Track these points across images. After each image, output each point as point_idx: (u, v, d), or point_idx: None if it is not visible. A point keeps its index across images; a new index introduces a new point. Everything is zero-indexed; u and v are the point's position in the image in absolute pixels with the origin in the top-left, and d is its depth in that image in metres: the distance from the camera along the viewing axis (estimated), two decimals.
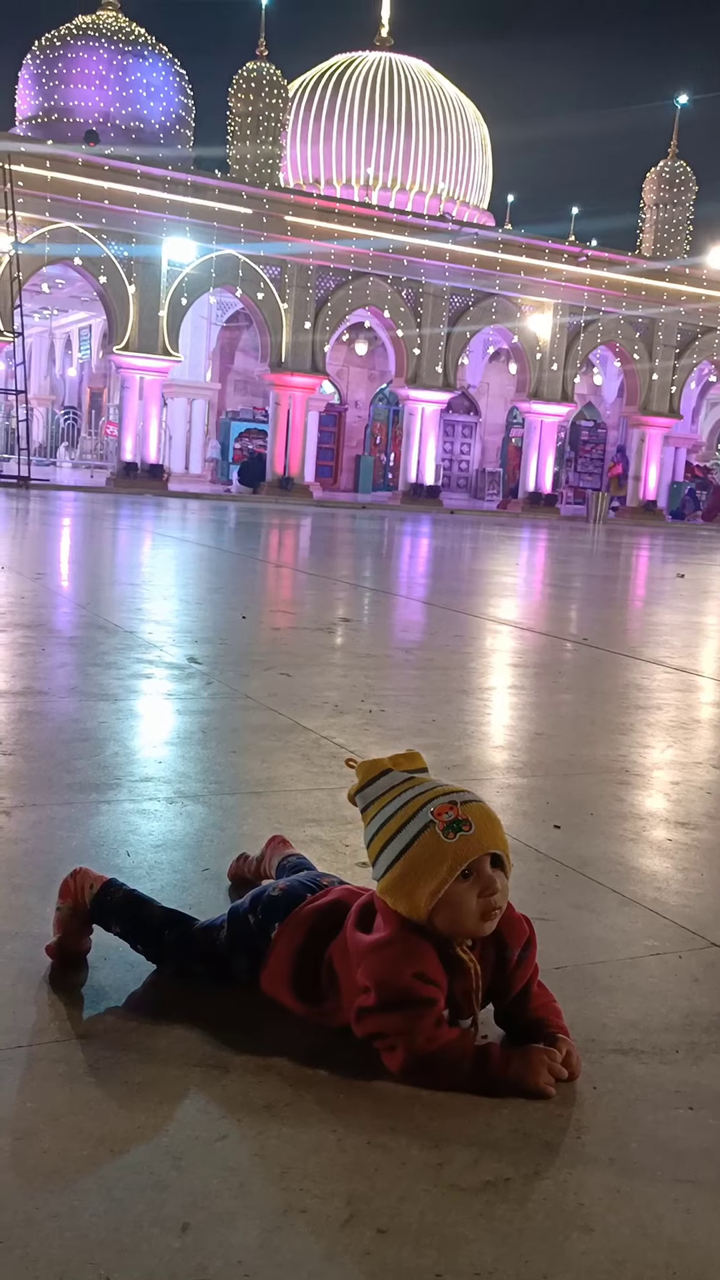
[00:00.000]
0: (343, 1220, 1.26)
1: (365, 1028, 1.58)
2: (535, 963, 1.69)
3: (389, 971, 1.56)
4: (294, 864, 2.08)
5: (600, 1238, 1.26)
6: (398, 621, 7.40)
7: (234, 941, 1.76)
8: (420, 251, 29.04)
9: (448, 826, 1.57)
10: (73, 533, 13.59)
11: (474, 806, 1.60)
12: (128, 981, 1.81)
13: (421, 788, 1.63)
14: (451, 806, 1.59)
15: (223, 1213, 1.26)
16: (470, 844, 1.56)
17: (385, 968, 1.56)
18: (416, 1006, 1.54)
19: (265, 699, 4.12)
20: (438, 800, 1.60)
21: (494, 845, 1.58)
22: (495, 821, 1.62)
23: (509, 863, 1.62)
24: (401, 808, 1.61)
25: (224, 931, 1.78)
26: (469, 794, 1.64)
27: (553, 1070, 1.55)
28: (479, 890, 1.56)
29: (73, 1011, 1.70)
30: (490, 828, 1.60)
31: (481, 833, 1.58)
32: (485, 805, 1.64)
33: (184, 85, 37.38)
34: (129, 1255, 1.18)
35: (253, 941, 1.74)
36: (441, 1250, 1.22)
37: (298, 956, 1.69)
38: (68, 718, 3.66)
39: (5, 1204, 1.25)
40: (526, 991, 1.67)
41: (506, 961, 1.65)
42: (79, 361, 40.54)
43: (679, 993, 1.91)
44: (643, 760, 3.62)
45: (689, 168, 33.06)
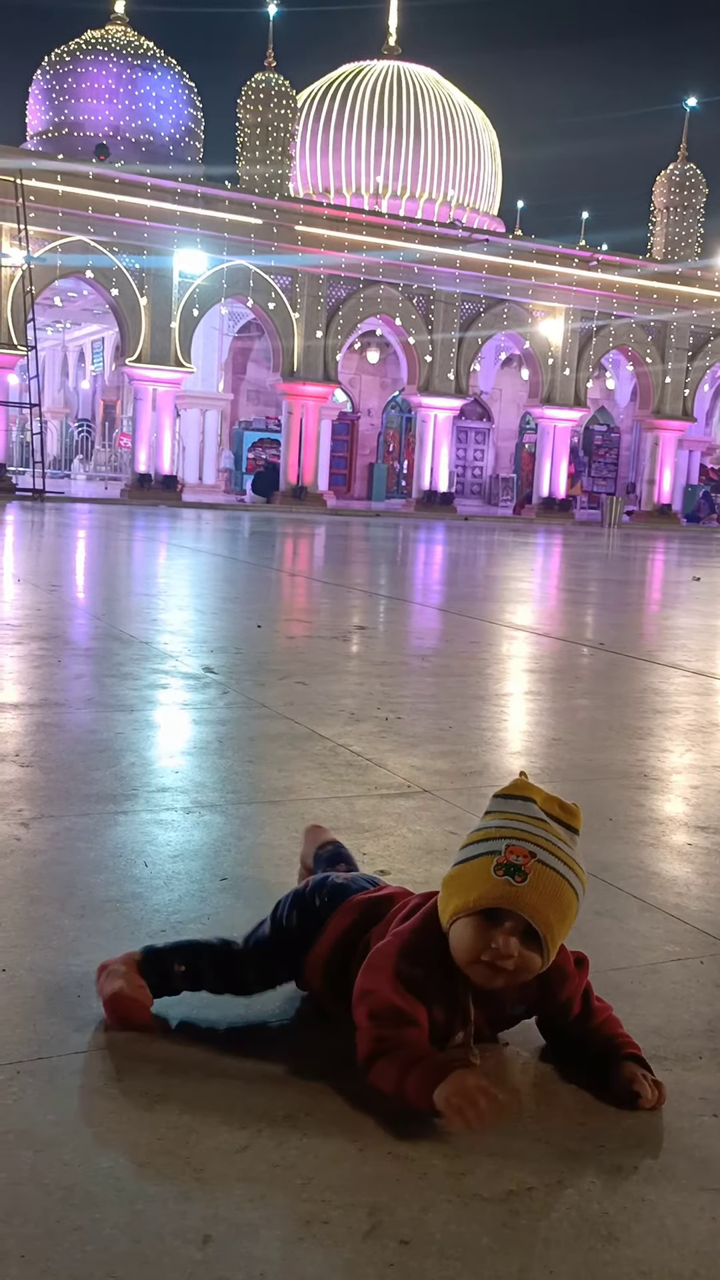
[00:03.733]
0: (365, 1231, 1.25)
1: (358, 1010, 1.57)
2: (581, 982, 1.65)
3: (380, 958, 1.57)
4: (331, 853, 2.10)
5: (625, 1247, 1.25)
6: (413, 628, 7.39)
7: (302, 922, 1.74)
8: (431, 259, 29.07)
9: (505, 865, 1.52)
10: (88, 544, 13.64)
11: (546, 873, 1.52)
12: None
13: (536, 830, 1.55)
14: (527, 856, 1.52)
15: (244, 1224, 1.25)
16: (506, 892, 1.50)
17: (380, 953, 1.58)
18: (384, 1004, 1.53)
19: (281, 708, 4.11)
20: (522, 843, 1.53)
21: (528, 911, 1.50)
22: (553, 898, 1.52)
23: (549, 945, 1.53)
24: (499, 827, 1.57)
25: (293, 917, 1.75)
26: (562, 864, 1.54)
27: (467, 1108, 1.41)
28: (486, 941, 1.51)
29: (93, 1023, 1.69)
30: (539, 898, 1.51)
31: (526, 893, 1.50)
32: (561, 882, 1.53)
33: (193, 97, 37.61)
34: (151, 1268, 1.17)
35: (315, 922, 1.73)
36: (465, 1261, 1.21)
37: (340, 939, 1.69)
38: (84, 729, 3.67)
39: (27, 1217, 1.24)
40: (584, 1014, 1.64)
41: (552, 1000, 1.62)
42: (92, 374, 40.74)
43: (702, 998, 1.90)
44: (661, 765, 3.60)
45: (699, 170, 33.04)
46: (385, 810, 2.89)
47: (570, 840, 1.58)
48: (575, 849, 1.58)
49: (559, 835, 1.57)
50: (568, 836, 1.58)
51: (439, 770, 3.34)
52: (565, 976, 1.62)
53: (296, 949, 1.74)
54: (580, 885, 1.57)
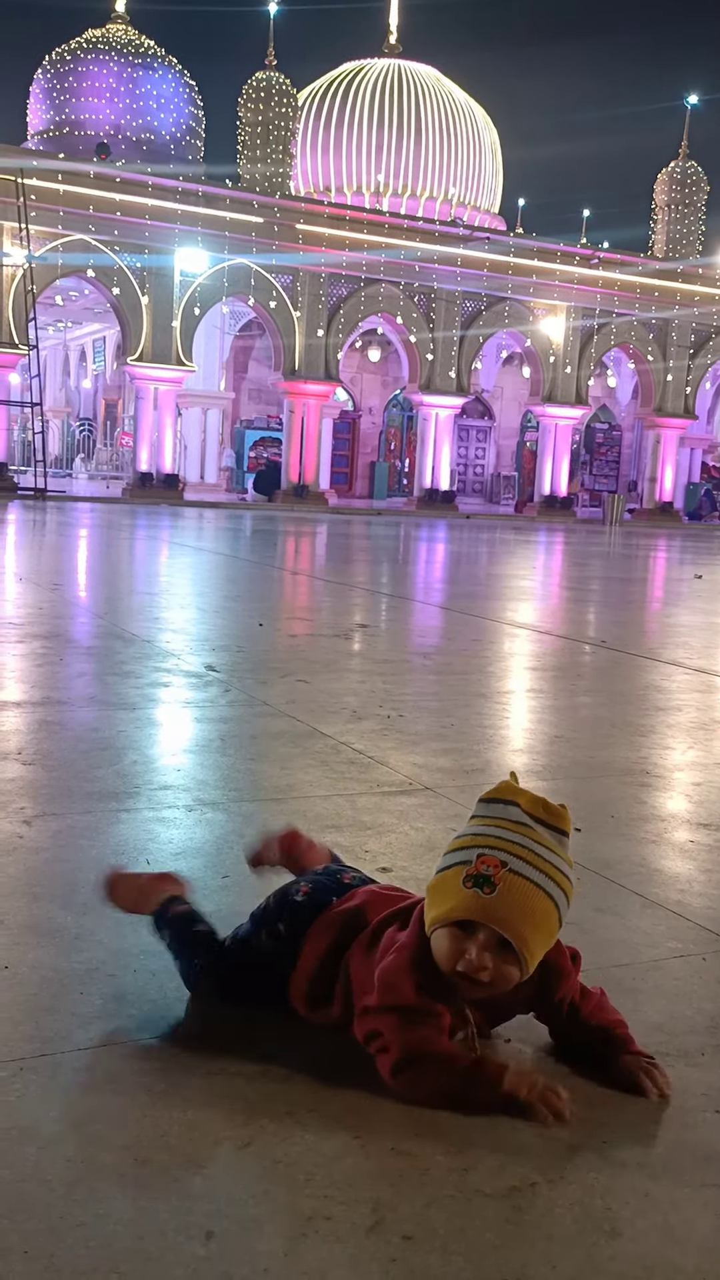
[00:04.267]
0: (368, 1227, 1.25)
1: (365, 1026, 1.56)
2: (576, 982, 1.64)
3: (395, 974, 1.55)
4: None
5: (628, 1243, 1.25)
6: (415, 627, 7.39)
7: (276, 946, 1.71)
8: (432, 257, 29.05)
9: (474, 876, 1.50)
10: (89, 543, 13.65)
11: (518, 883, 1.49)
12: (150, 989, 1.80)
13: (513, 836, 1.52)
14: (497, 866, 1.49)
15: (247, 1220, 1.25)
16: (474, 904, 1.48)
17: (393, 969, 1.55)
18: (412, 1013, 1.52)
19: (283, 706, 4.12)
20: (495, 852, 1.51)
21: (497, 923, 1.48)
22: (524, 909, 1.49)
23: (525, 956, 1.50)
24: (475, 835, 1.55)
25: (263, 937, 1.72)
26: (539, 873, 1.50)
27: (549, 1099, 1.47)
28: (460, 952, 1.50)
29: (96, 1019, 1.69)
30: (508, 910, 1.48)
31: (494, 905, 1.48)
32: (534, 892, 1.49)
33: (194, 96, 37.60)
34: (154, 1264, 1.17)
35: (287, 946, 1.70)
36: (468, 1257, 1.21)
37: (319, 964, 1.66)
38: (86, 727, 3.67)
39: (30, 1213, 1.24)
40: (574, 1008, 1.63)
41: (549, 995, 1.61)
42: (93, 373, 40.75)
43: (704, 994, 1.90)
44: (663, 762, 3.60)
45: (700, 168, 33.00)
46: (387, 808, 2.89)
47: (556, 844, 1.55)
48: (563, 853, 1.55)
49: (542, 841, 1.53)
50: (554, 840, 1.55)
51: (441, 768, 3.34)
52: (563, 975, 1.61)
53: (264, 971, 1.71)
54: (561, 892, 1.53)
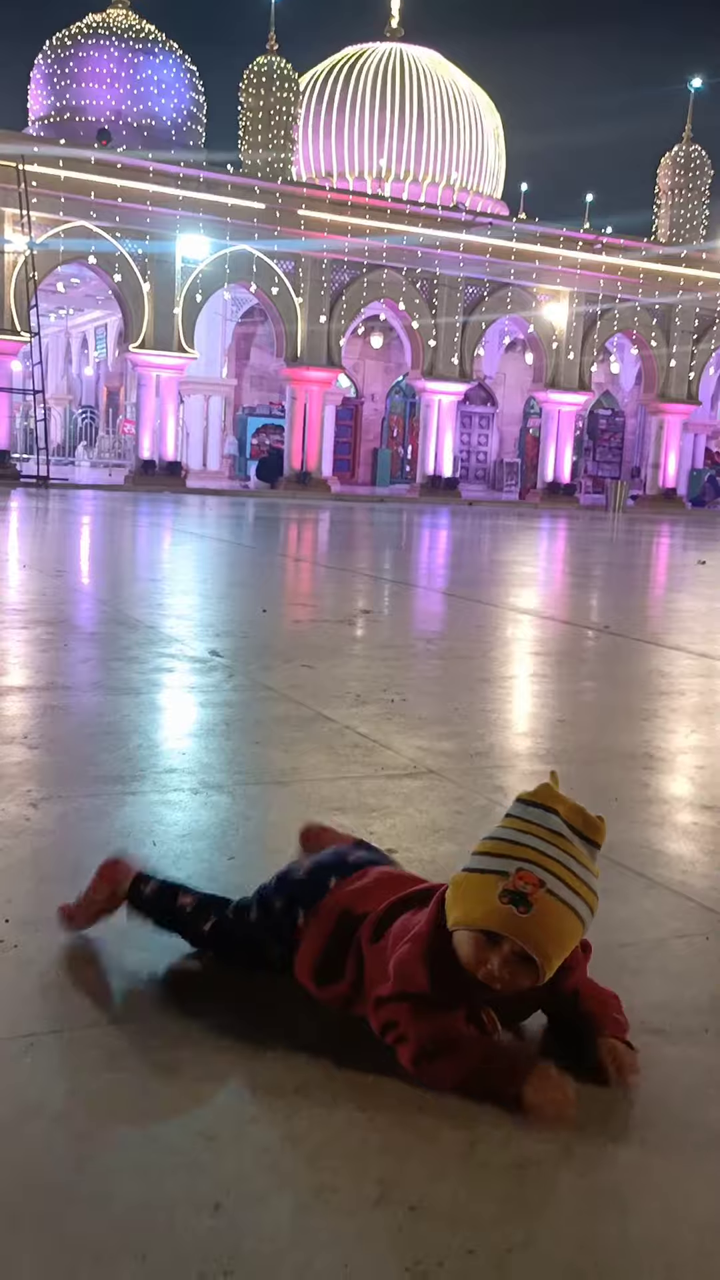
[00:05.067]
0: (374, 1199, 1.27)
1: (380, 1017, 1.56)
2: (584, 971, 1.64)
3: (410, 963, 1.54)
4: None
5: (631, 1216, 1.27)
6: (418, 612, 7.39)
7: (265, 926, 1.74)
8: (434, 242, 28.94)
9: (511, 892, 1.49)
10: (92, 530, 13.65)
11: (553, 905, 1.48)
12: (158, 966, 1.82)
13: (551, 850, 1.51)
14: (535, 885, 1.48)
15: (255, 1192, 1.27)
16: (507, 922, 1.48)
17: (409, 958, 1.55)
18: (428, 1002, 1.52)
19: (287, 690, 4.13)
20: (535, 868, 1.50)
21: (526, 941, 1.48)
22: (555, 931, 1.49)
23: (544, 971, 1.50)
24: (513, 843, 1.53)
25: (253, 913, 1.76)
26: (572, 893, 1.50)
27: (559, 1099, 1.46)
28: (482, 961, 1.50)
29: (104, 997, 1.71)
30: (540, 932, 1.48)
31: (527, 925, 1.48)
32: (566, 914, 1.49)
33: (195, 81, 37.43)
34: (163, 1234, 1.19)
35: (279, 929, 1.72)
36: (474, 1227, 1.23)
37: (328, 943, 1.66)
38: (91, 712, 3.68)
39: (41, 1186, 1.26)
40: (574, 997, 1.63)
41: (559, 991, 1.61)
42: (95, 360, 40.67)
43: (707, 974, 1.91)
44: (666, 745, 3.61)
45: (704, 152, 32.81)
46: (391, 791, 2.91)
47: (588, 858, 1.54)
48: (593, 866, 1.55)
49: (576, 855, 1.53)
50: (587, 854, 1.54)
51: (445, 751, 3.36)
52: (570, 969, 1.60)
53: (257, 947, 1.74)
54: (589, 911, 1.53)
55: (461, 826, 2.65)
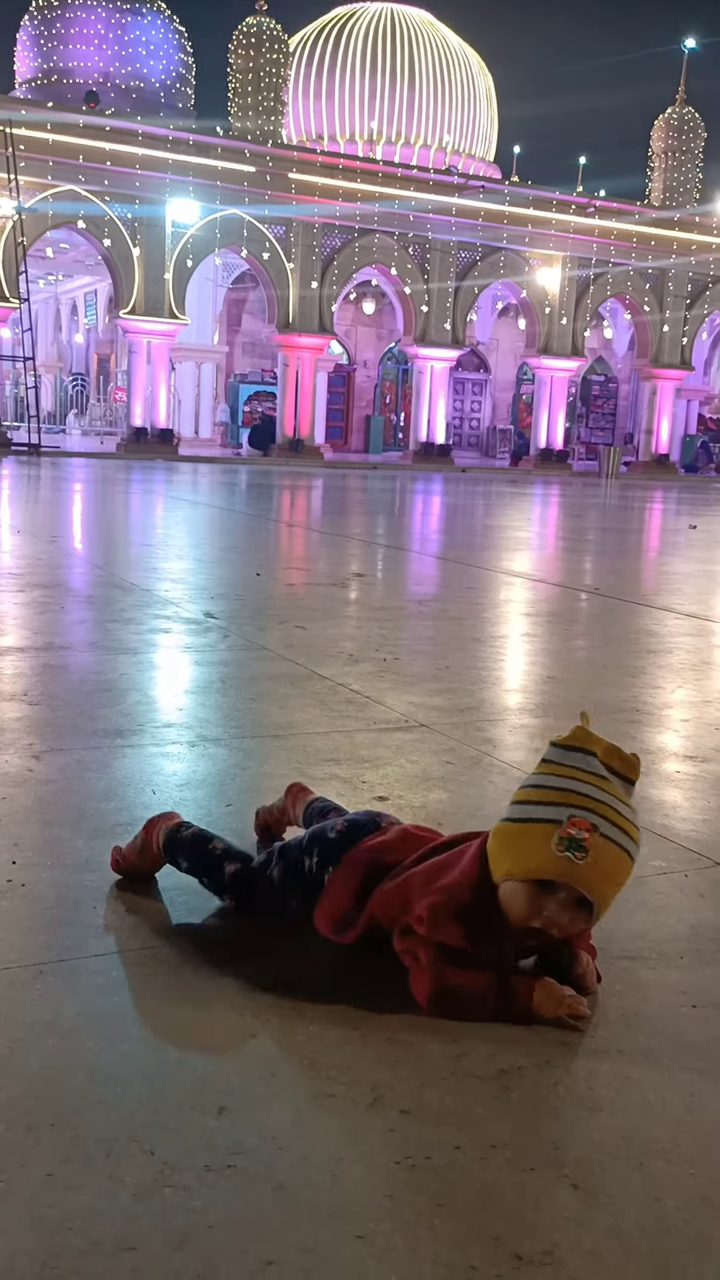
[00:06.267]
0: (368, 1103, 1.36)
1: (402, 944, 1.61)
2: None
3: (446, 916, 1.57)
4: (320, 808, 2.07)
5: (608, 1116, 1.36)
6: (411, 575, 7.46)
7: (286, 882, 1.78)
8: (426, 206, 28.73)
9: (566, 839, 1.51)
10: (85, 497, 13.66)
11: (608, 848, 1.52)
12: (162, 903, 1.90)
13: (598, 794, 1.55)
14: (589, 830, 1.51)
15: (256, 1097, 1.36)
16: (567, 869, 1.51)
17: (443, 906, 1.57)
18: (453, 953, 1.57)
19: (282, 650, 4.20)
20: (587, 814, 1.53)
21: (584, 887, 1.52)
22: (611, 873, 1.54)
23: (600, 913, 1.57)
24: (561, 790, 1.56)
25: (276, 870, 1.79)
26: (622, 833, 1.54)
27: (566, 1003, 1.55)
28: (539, 910, 1.53)
29: (110, 930, 1.79)
30: (598, 875, 1.52)
31: (586, 870, 1.51)
32: (620, 855, 1.54)
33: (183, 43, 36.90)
34: (171, 1133, 1.28)
35: (306, 883, 1.75)
36: (460, 1127, 1.32)
37: (350, 893, 1.69)
38: (89, 670, 3.75)
39: (55, 1093, 1.35)
40: None
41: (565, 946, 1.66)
42: (86, 327, 40.38)
43: (686, 907, 2.00)
44: (653, 700, 3.69)
45: (697, 114, 32.54)
46: (384, 743, 2.99)
47: (627, 795, 1.58)
48: (631, 806, 1.58)
49: (618, 795, 1.56)
50: (625, 791, 1.58)
51: (436, 706, 3.44)
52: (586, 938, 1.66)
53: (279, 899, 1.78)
54: (637, 848, 1.57)
55: (451, 776, 2.73)
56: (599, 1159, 1.27)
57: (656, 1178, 1.24)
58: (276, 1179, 1.21)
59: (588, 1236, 1.15)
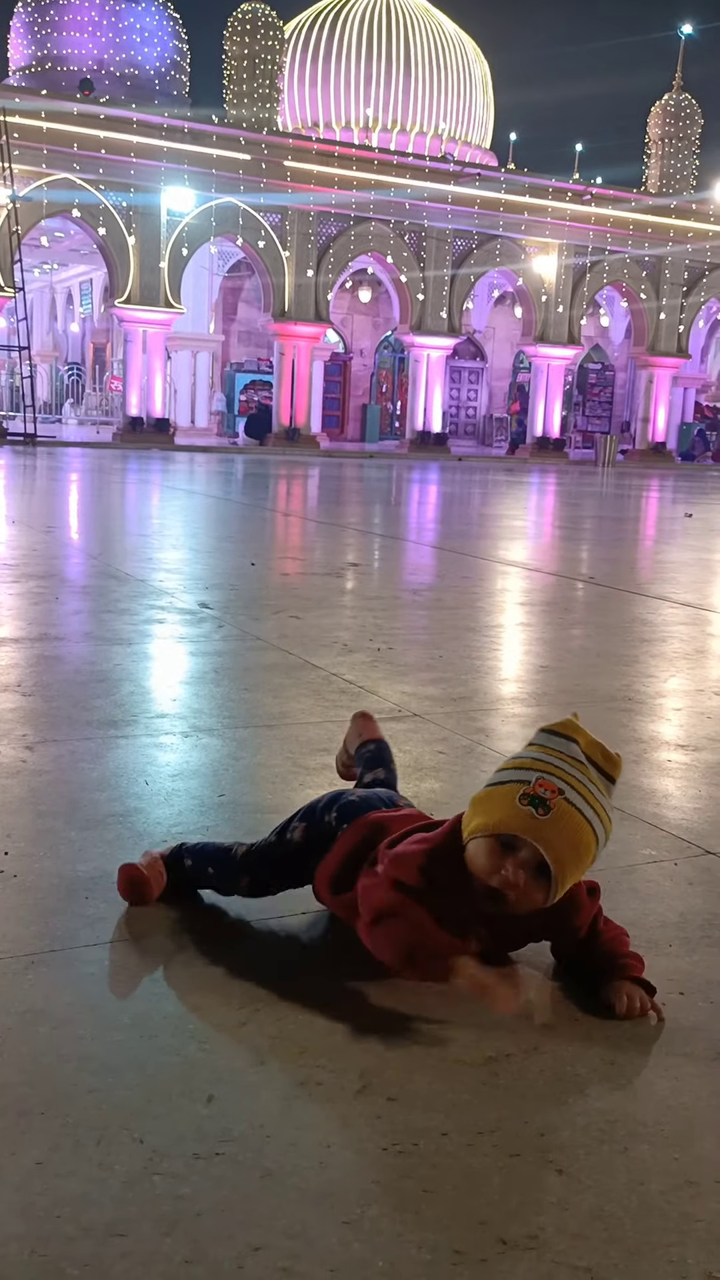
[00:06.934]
0: (356, 1090, 1.37)
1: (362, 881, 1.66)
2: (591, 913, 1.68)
3: (408, 855, 1.62)
4: (371, 753, 2.12)
5: (594, 1100, 1.37)
6: (406, 565, 7.46)
7: (309, 838, 1.81)
8: (422, 194, 28.63)
9: (530, 796, 1.54)
10: (81, 487, 13.64)
11: (571, 812, 1.54)
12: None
13: (571, 770, 1.58)
14: (555, 792, 1.54)
15: (245, 1085, 1.37)
16: (527, 823, 1.53)
17: (409, 852, 1.62)
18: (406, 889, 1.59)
19: (276, 640, 4.21)
20: (554, 779, 1.56)
21: (544, 844, 1.52)
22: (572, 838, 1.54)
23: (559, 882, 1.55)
24: (536, 760, 1.60)
25: (298, 830, 1.82)
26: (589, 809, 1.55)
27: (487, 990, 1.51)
28: (498, 866, 1.54)
29: (100, 921, 1.80)
30: (557, 835, 1.53)
31: (545, 827, 1.52)
32: (583, 824, 1.54)
33: (178, 30, 36.71)
34: (161, 1120, 1.29)
35: (325, 839, 1.79)
36: (447, 1114, 1.33)
37: (348, 856, 1.74)
38: (83, 660, 3.76)
39: (47, 1081, 1.36)
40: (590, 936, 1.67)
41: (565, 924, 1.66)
42: (81, 316, 40.25)
43: (675, 894, 2.01)
44: (646, 689, 3.71)
45: (694, 101, 32.42)
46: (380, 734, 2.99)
47: (605, 788, 1.60)
48: (608, 798, 1.60)
49: (594, 781, 1.59)
50: (603, 784, 1.60)
51: (429, 696, 3.45)
52: (578, 906, 1.65)
53: (298, 861, 1.81)
54: (604, 832, 1.58)
55: (444, 765, 2.75)
56: (584, 1143, 1.28)
57: (641, 1161, 1.26)
58: (264, 1165, 1.22)
59: (572, 1220, 1.16)
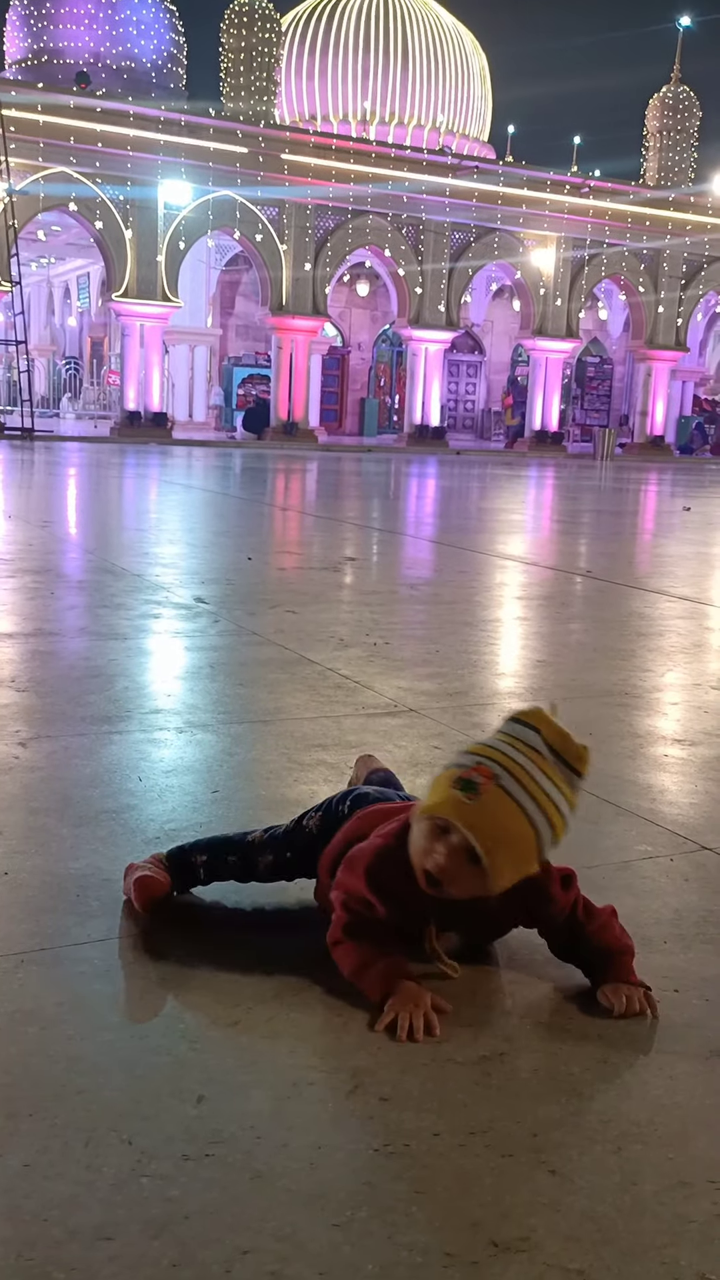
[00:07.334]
0: (348, 1090, 1.36)
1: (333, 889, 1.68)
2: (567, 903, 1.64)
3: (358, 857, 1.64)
4: (381, 779, 2.13)
5: (588, 1100, 1.36)
6: (404, 560, 7.45)
7: (324, 827, 1.82)
8: (420, 187, 28.54)
9: (460, 780, 1.53)
10: (78, 482, 13.61)
11: (503, 800, 1.51)
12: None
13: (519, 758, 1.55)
14: (489, 777, 1.52)
15: (236, 1085, 1.36)
16: (455, 808, 1.52)
17: (359, 852, 1.65)
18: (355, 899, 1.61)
19: (272, 635, 4.19)
20: (493, 764, 1.54)
21: (468, 828, 1.50)
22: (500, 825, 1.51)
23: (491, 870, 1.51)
24: (485, 745, 1.59)
25: (315, 819, 1.84)
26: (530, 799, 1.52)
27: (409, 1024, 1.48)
28: (430, 850, 1.54)
29: (92, 918, 1.79)
30: (483, 820, 1.51)
31: (471, 811, 1.51)
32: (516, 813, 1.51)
33: (175, 22, 36.57)
34: (150, 1122, 1.28)
35: (336, 828, 1.80)
36: (440, 1113, 1.32)
37: (347, 840, 1.74)
38: (78, 656, 3.74)
39: (35, 1082, 1.34)
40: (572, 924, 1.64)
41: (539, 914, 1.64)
42: (78, 310, 40.16)
43: (670, 890, 2.00)
44: (643, 684, 3.69)
45: (692, 93, 32.31)
46: (372, 728, 2.98)
47: (563, 780, 1.55)
48: (566, 790, 1.55)
49: (548, 772, 1.54)
50: (562, 776, 1.55)
51: (425, 691, 3.43)
52: (548, 900, 1.61)
53: (311, 850, 1.82)
54: (546, 823, 1.53)
55: (440, 760, 2.71)
56: (577, 1144, 1.27)
57: (634, 1161, 1.25)
58: (255, 1167, 1.21)
59: (564, 1221, 1.15)
